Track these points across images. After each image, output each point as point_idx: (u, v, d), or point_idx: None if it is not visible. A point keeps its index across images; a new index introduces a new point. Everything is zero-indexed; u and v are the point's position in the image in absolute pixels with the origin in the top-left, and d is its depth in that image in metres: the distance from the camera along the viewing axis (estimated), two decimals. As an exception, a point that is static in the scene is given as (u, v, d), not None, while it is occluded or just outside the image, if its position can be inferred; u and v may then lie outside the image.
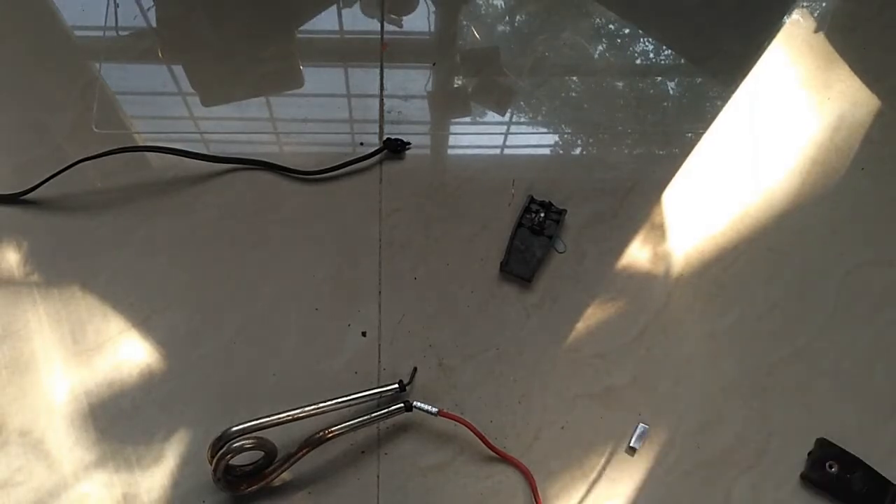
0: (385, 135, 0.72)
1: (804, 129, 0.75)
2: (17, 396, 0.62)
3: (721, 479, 0.61)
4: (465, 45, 0.78)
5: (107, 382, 0.62)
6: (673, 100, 0.76)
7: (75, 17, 0.78)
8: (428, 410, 0.57)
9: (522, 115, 0.75)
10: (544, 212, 0.67)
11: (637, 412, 0.62)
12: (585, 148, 0.74)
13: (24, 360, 0.63)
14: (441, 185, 0.71)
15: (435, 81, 0.76)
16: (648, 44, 0.80)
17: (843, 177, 0.72)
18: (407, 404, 0.57)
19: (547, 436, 0.61)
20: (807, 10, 0.80)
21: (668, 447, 0.61)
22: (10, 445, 0.60)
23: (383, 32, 0.77)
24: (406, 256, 0.68)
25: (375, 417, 0.57)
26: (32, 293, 0.65)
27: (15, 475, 0.59)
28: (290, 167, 0.66)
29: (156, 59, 0.76)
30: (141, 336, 0.64)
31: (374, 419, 0.57)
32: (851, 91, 0.76)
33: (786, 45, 0.78)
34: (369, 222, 0.69)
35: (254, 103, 0.74)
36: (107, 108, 0.73)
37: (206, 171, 0.70)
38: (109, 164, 0.70)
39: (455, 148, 0.75)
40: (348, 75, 0.76)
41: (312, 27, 0.79)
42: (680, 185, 0.72)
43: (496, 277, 0.67)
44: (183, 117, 0.75)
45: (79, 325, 0.64)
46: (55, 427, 0.61)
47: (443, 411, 0.57)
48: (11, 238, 0.67)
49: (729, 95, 0.76)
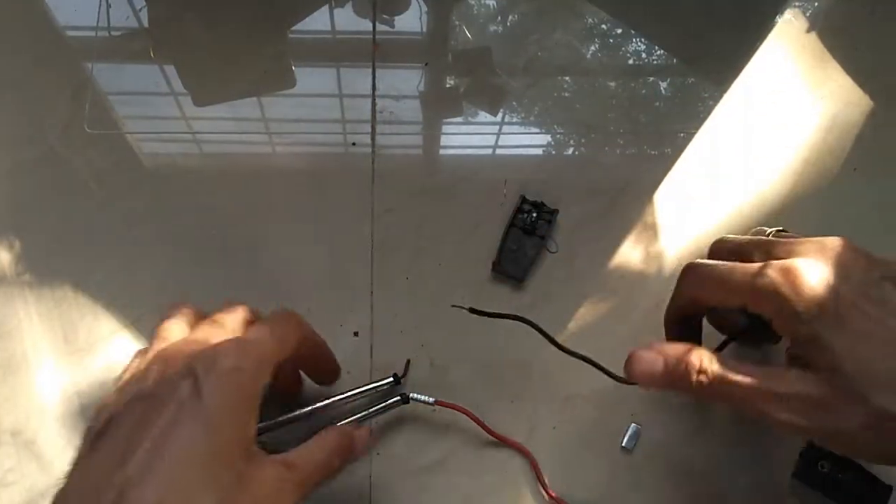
0: (377, 134, 0.72)
1: (796, 128, 0.75)
2: (9, 396, 0.62)
3: (713, 478, 0.61)
4: (457, 45, 0.78)
5: (99, 383, 0.62)
6: (665, 100, 0.76)
7: (67, 18, 0.78)
8: (425, 401, 0.57)
9: (514, 115, 0.75)
10: (536, 212, 0.68)
11: (630, 412, 0.62)
12: (577, 148, 0.74)
13: (16, 360, 0.63)
14: (433, 185, 0.71)
15: (427, 81, 0.76)
16: (641, 44, 0.80)
17: (835, 177, 0.72)
18: (404, 396, 0.57)
19: (539, 436, 0.62)
20: (799, 9, 0.81)
21: (660, 447, 0.61)
22: (2, 446, 0.60)
23: (375, 32, 0.77)
24: (398, 257, 0.68)
25: (372, 412, 0.57)
26: (24, 292, 0.65)
27: (6, 475, 0.59)
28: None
29: (148, 60, 0.76)
30: (133, 336, 0.64)
31: (371, 414, 0.57)
32: (844, 91, 0.76)
33: (778, 45, 0.79)
34: (361, 222, 0.69)
35: (246, 103, 0.74)
36: (99, 109, 0.73)
37: (201, 171, 0.71)
38: (101, 164, 0.70)
39: (447, 148, 0.75)
40: (340, 75, 0.76)
41: (304, 27, 0.79)
42: (672, 185, 0.72)
43: (488, 277, 0.67)
44: (175, 117, 0.75)
45: (71, 324, 0.64)
46: (47, 427, 0.61)
47: (440, 401, 0.57)
48: (3, 238, 0.67)
49: (721, 95, 0.76)
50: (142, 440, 0.29)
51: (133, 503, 0.27)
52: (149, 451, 0.28)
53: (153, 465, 0.28)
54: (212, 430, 0.30)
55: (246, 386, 0.33)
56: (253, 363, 0.34)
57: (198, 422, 0.29)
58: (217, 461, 0.29)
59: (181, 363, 0.33)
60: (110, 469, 0.29)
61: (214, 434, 0.30)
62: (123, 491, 0.28)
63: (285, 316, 0.43)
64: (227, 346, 0.34)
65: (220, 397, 0.31)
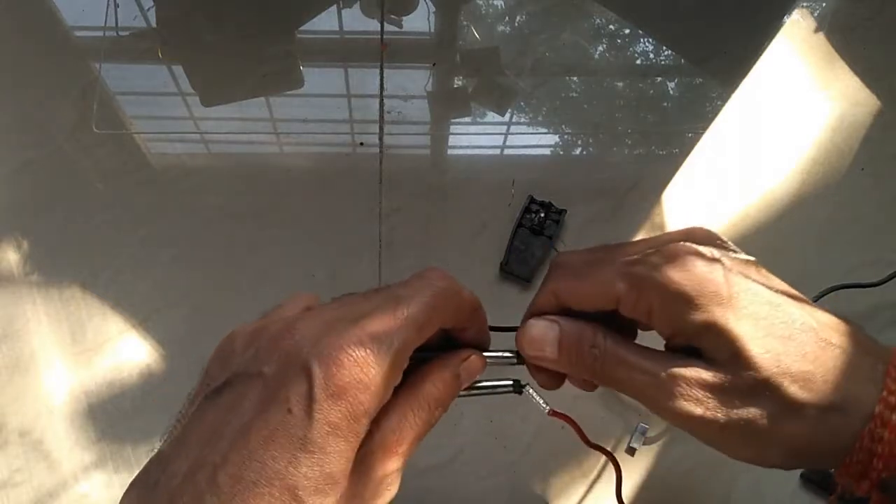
0: (385, 134, 0.72)
1: (804, 128, 0.75)
2: (17, 396, 0.62)
3: (721, 478, 0.60)
4: (465, 45, 0.78)
5: (107, 382, 0.62)
6: (673, 100, 0.76)
7: (75, 17, 0.78)
8: (538, 402, 0.43)
9: (522, 115, 0.75)
10: (544, 212, 0.67)
11: (637, 412, 0.62)
12: (585, 148, 0.74)
13: (24, 360, 0.63)
14: (441, 185, 0.71)
15: (435, 81, 0.76)
16: (648, 44, 0.80)
17: (843, 177, 0.72)
18: (517, 384, 0.41)
19: (547, 435, 0.61)
20: (807, 9, 0.80)
21: (668, 446, 0.61)
22: (10, 445, 0.60)
23: (383, 32, 0.77)
24: (406, 256, 0.67)
25: (476, 392, 0.38)
26: (32, 293, 0.65)
27: (14, 475, 0.59)
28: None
29: (156, 59, 0.76)
30: (141, 336, 0.64)
31: (475, 393, 0.38)
32: (851, 91, 0.76)
33: (786, 45, 0.78)
34: (369, 222, 0.69)
35: (254, 103, 0.74)
36: (107, 109, 0.74)
37: (208, 171, 0.71)
38: (109, 163, 0.70)
39: (455, 148, 0.75)
40: (348, 75, 0.76)
41: (312, 27, 0.79)
42: (680, 185, 0.72)
43: (496, 277, 0.67)
44: (183, 117, 0.75)
45: (79, 325, 0.64)
46: (55, 427, 0.61)
47: (554, 410, 0.44)
48: (11, 238, 0.67)
49: (729, 95, 0.76)
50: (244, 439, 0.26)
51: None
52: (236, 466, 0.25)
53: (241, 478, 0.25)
54: (314, 460, 0.26)
55: (365, 403, 0.27)
56: (379, 376, 0.27)
57: (301, 443, 0.26)
58: (313, 490, 0.26)
59: (303, 353, 0.27)
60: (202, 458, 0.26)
61: (315, 465, 0.26)
62: (202, 496, 0.25)
63: (436, 293, 0.31)
64: (352, 347, 0.27)
65: (330, 424, 0.26)
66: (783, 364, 0.28)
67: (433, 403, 0.32)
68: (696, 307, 0.29)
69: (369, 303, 0.30)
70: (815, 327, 0.29)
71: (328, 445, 0.26)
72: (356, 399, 0.27)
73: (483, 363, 0.36)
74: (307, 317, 0.29)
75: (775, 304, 0.29)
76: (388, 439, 0.30)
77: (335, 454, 0.26)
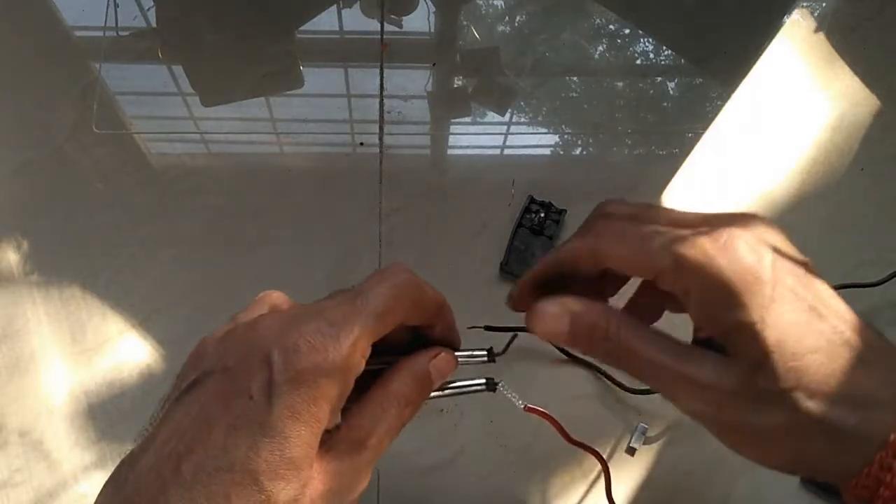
0: (385, 134, 0.72)
1: (804, 128, 0.75)
2: (17, 396, 0.62)
3: (721, 479, 0.60)
4: (465, 45, 0.78)
5: (107, 382, 0.62)
6: (673, 100, 0.76)
7: (75, 18, 0.78)
8: (513, 399, 0.43)
9: (522, 115, 0.75)
10: (544, 212, 0.67)
11: (637, 412, 0.62)
12: (585, 148, 0.74)
13: (24, 360, 0.63)
14: (441, 185, 0.71)
15: (435, 81, 0.76)
16: (648, 44, 0.80)
17: (843, 177, 0.72)
18: (490, 383, 0.40)
19: (547, 435, 0.61)
20: (807, 9, 0.80)
21: (668, 447, 0.61)
22: (10, 446, 0.60)
23: (383, 32, 0.77)
24: (406, 256, 0.67)
25: (449, 392, 0.38)
26: (32, 293, 0.65)
27: (14, 475, 0.59)
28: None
29: (156, 60, 0.76)
30: (141, 336, 0.64)
31: (448, 394, 0.38)
32: (851, 91, 0.76)
33: (786, 45, 0.78)
34: (369, 222, 0.69)
35: (254, 103, 0.74)
36: (107, 109, 0.74)
37: (208, 171, 0.71)
38: (109, 163, 0.70)
39: (455, 148, 0.75)
40: (348, 75, 0.76)
41: (312, 27, 0.79)
42: (680, 185, 0.72)
43: (496, 277, 0.67)
44: (183, 117, 0.75)
45: (79, 325, 0.64)
46: (55, 427, 0.61)
47: (530, 406, 0.45)
48: (11, 238, 0.67)
49: (729, 95, 0.76)
50: (207, 429, 0.26)
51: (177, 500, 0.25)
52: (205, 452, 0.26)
53: (206, 466, 0.25)
54: (275, 444, 0.26)
55: (323, 387, 0.27)
56: (337, 359, 0.28)
57: (261, 428, 0.26)
58: (273, 474, 0.26)
59: (264, 344, 0.28)
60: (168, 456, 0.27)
61: (276, 449, 0.27)
62: (166, 486, 0.26)
63: (395, 284, 0.32)
64: (311, 334, 0.28)
65: (290, 408, 0.26)
66: (804, 380, 0.27)
67: (402, 400, 0.32)
68: (734, 304, 0.28)
69: (332, 300, 0.32)
70: (847, 343, 0.28)
71: (288, 430, 0.26)
72: (315, 383, 0.27)
73: (454, 361, 0.36)
74: (271, 314, 0.31)
75: (814, 312, 0.28)
76: (354, 433, 0.30)
77: (296, 439, 0.26)
